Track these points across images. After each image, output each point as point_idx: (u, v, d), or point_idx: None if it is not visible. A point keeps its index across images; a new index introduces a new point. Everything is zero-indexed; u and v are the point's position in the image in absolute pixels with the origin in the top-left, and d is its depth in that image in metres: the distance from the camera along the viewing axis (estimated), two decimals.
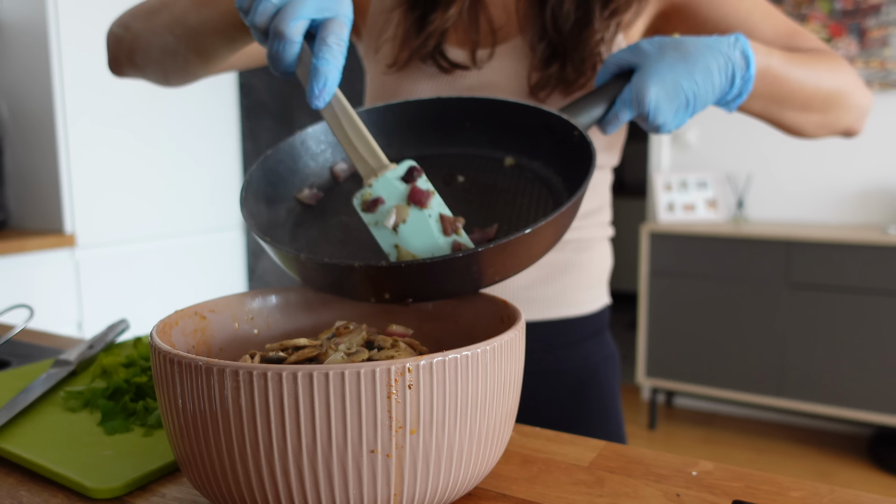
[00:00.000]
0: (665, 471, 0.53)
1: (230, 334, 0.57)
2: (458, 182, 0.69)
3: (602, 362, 0.90)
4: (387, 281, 0.52)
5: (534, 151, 0.68)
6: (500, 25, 0.81)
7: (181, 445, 0.43)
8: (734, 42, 0.66)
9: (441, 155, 0.71)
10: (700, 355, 2.90)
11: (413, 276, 0.51)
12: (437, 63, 0.80)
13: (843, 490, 0.49)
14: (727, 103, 0.70)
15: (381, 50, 0.85)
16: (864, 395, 2.61)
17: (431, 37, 0.79)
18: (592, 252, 0.88)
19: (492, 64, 0.80)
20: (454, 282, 0.53)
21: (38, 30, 2.20)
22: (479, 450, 0.44)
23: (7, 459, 0.56)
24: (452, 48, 0.81)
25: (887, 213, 2.87)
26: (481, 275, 0.53)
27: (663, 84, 0.63)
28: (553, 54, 0.77)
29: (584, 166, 0.61)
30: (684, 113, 0.66)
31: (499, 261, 0.53)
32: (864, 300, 2.57)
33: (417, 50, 0.80)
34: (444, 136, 0.71)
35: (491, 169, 0.69)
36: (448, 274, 0.52)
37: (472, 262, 0.51)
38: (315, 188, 0.68)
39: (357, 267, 0.51)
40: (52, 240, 2.17)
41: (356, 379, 0.38)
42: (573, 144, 0.64)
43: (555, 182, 0.66)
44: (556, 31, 0.77)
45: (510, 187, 0.67)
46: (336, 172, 0.69)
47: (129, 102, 2.41)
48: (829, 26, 2.85)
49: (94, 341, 0.82)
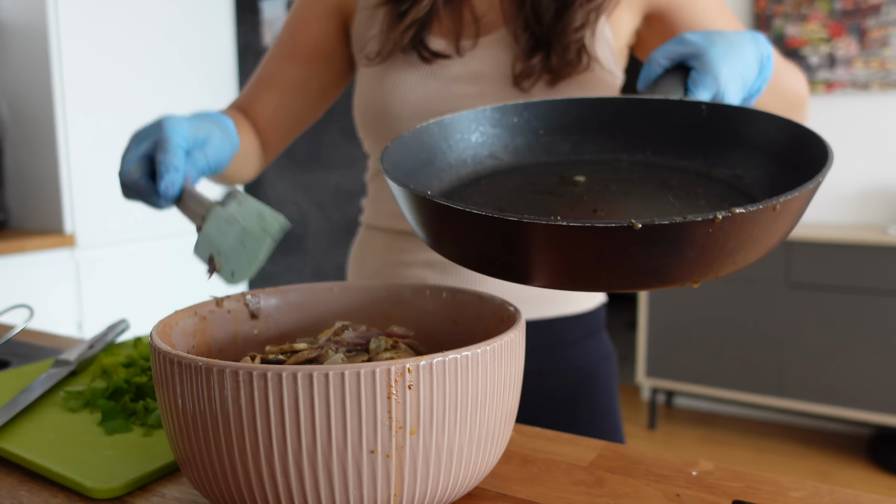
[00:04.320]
0: (665, 471, 0.53)
1: (230, 334, 0.57)
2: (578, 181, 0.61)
3: (599, 362, 0.90)
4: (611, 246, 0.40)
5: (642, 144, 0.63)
6: (482, 15, 0.82)
7: (181, 445, 0.43)
8: (755, 36, 0.68)
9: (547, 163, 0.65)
10: (700, 355, 2.90)
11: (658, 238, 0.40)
12: (418, 53, 0.81)
13: (843, 490, 0.49)
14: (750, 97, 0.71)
15: (367, 46, 0.86)
16: (864, 395, 2.61)
17: (410, 27, 0.81)
18: None
19: (476, 53, 0.81)
20: (693, 254, 0.41)
21: (38, 30, 2.20)
22: (479, 450, 0.44)
23: (7, 459, 0.56)
24: (435, 38, 0.82)
25: (887, 213, 2.87)
26: (720, 251, 0.42)
27: (726, 64, 0.63)
28: (537, 44, 0.79)
29: (791, 129, 0.54)
30: (742, 94, 0.66)
31: (744, 233, 0.42)
32: (864, 300, 2.57)
33: (398, 41, 0.81)
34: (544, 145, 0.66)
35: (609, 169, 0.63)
36: (675, 247, 0.40)
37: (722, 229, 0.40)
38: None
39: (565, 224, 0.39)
40: (52, 240, 2.17)
41: (356, 379, 0.38)
42: (701, 121, 0.60)
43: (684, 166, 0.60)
44: (538, 22, 0.78)
45: (644, 181, 0.60)
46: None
47: (130, 102, 2.41)
48: (829, 26, 2.85)
49: (94, 341, 0.82)
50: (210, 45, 2.76)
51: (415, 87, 0.81)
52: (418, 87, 0.81)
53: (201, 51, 2.72)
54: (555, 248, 0.42)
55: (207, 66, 2.75)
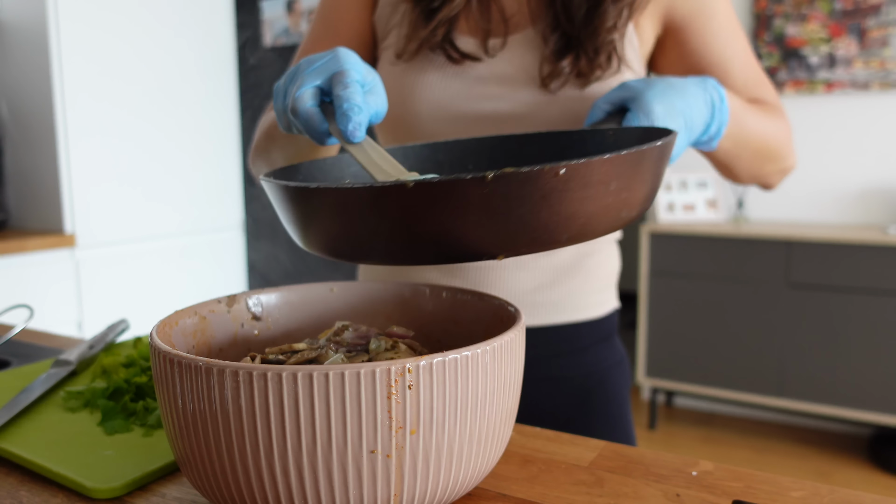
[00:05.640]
0: (665, 471, 0.53)
1: (230, 334, 0.57)
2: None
3: (611, 369, 0.88)
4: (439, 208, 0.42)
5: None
6: (511, 14, 0.80)
7: (181, 445, 0.43)
8: (704, 80, 0.70)
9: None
10: (700, 355, 2.90)
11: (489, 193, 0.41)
12: (446, 53, 0.79)
13: (843, 490, 0.49)
14: (710, 140, 0.72)
15: (388, 41, 0.84)
16: (864, 395, 2.61)
17: (440, 26, 0.78)
18: (599, 256, 0.87)
19: (503, 55, 0.79)
20: (528, 217, 0.43)
21: (38, 30, 2.20)
22: (479, 450, 0.44)
23: (7, 459, 0.56)
24: (463, 37, 0.80)
25: (887, 213, 2.87)
26: (559, 209, 0.43)
27: (663, 104, 0.65)
28: (566, 45, 0.77)
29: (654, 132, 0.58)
30: (686, 135, 0.67)
31: (593, 192, 0.43)
32: (864, 300, 2.57)
33: (426, 40, 0.79)
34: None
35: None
36: (523, 197, 0.42)
37: (560, 184, 0.42)
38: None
39: (410, 186, 0.41)
40: (52, 240, 2.17)
41: (356, 379, 0.38)
42: (610, 144, 0.63)
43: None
44: (569, 21, 0.76)
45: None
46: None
47: (129, 103, 2.41)
48: (829, 26, 2.85)
49: (94, 341, 0.82)
50: (210, 44, 2.76)
51: (437, 86, 0.79)
52: (441, 86, 0.79)
53: (201, 51, 2.72)
54: (347, 216, 0.45)
55: (207, 66, 2.75)
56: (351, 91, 0.54)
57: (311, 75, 0.57)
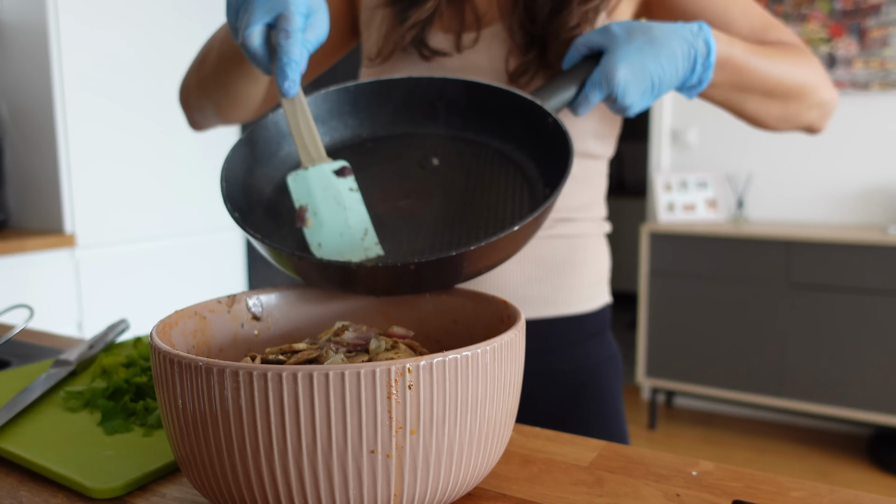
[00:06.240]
0: (665, 471, 0.53)
1: (230, 334, 0.57)
2: (434, 165, 0.69)
3: (603, 363, 0.89)
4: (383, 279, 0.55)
5: (505, 135, 0.69)
6: (483, 13, 0.82)
7: (181, 445, 0.43)
8: (697, 30, 0.69)
9: (413, 135, 0.71)
10: (700, 355, 2.90)
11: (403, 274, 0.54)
12: (418, 51, 0.81)
13: (843, 490, 0.49)
14: (688, 89, 0.72)
15: (367, 44, 0.86)
16: (864, 395, 2.61)
17: (412, 28, 0.80)
18: (587, 250, 0.87)
19: (473, 48, 0.81)
20: (442, 277, 0.57)
21: (38, 30, 2.20)
22: (479, 450, 0.44)
23: (7, 459, 0.56)
24: (437, 34, 0.82)
25: (887, 213, 2.87)
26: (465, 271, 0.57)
27: (631, 66, 0.66)
28: (531, 40, 0.78)
29: (562, 158, 0.61)
30: (650, 95, 0.68)
31: (487, 256, 0.56)
32: (864, 300, 2.57)
33: (399, 42, 0.81)
34: (416, 116, 0.72)
35: (465, 152, 0.70)
36: (439, 270, 0.55)
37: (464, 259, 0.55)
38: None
39: (354, 267, 0.54)
40: (52, 240, 2.17)
41: (356, 379, 0.38)
42: (547, 132, 0.65)
43: (528, 167, 0.67)
44: (531, 20, 0.78)
45: (485, 172, 0.68)
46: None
47: (129, 103, 2.41)
48: (829, 26, 2.85)
49: (94, 341, 0.82)
50: None
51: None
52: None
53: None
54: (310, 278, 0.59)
55: None
56: (291, 42, 0.56)
57: (260, 11, 0.59)
